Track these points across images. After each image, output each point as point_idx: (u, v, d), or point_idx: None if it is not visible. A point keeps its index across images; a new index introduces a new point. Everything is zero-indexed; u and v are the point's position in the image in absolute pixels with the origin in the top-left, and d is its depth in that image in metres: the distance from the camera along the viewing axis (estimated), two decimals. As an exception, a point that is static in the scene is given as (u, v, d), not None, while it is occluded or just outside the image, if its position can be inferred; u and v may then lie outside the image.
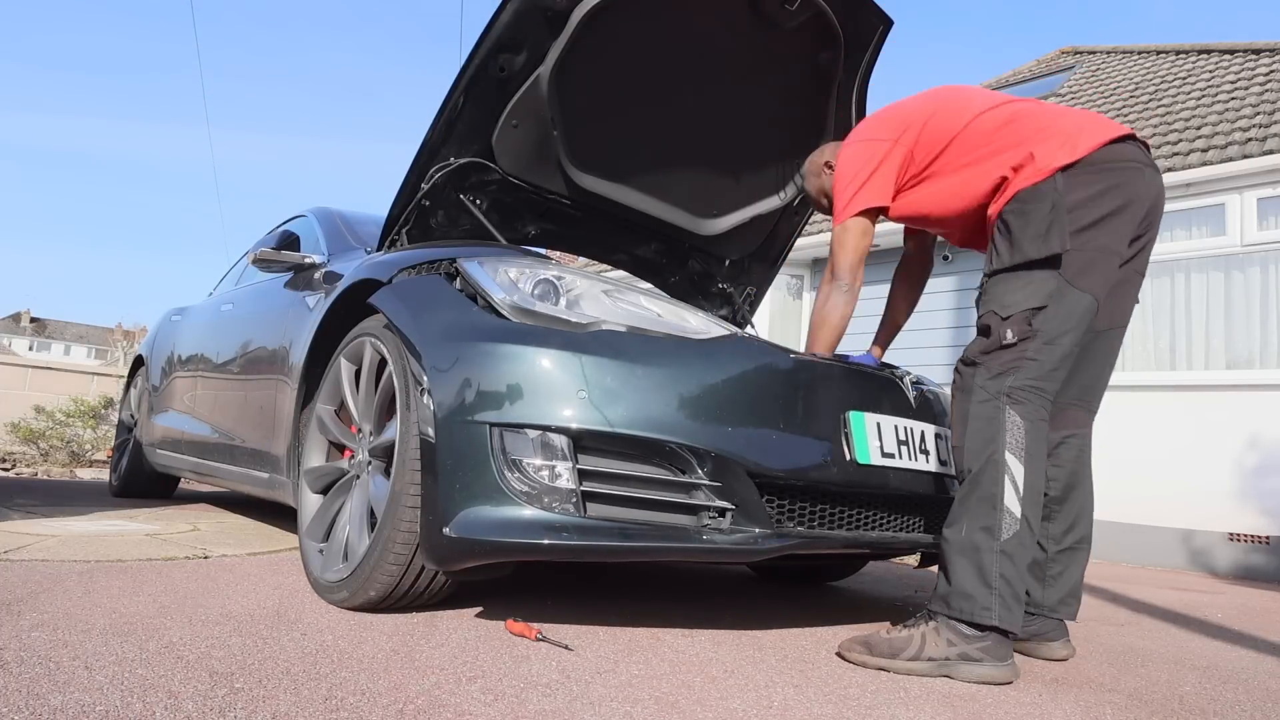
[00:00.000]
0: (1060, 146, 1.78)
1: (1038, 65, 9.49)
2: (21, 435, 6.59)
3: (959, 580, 1.65)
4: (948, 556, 1.69)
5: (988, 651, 1.61)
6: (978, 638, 1.62)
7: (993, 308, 1.76)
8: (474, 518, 1.57)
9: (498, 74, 2.20)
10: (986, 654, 1.61)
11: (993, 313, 1.76)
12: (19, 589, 1.76)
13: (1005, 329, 1.73)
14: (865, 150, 2.04)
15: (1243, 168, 5.06)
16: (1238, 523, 4.75)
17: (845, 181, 2.04)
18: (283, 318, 2.65)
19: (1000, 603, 1.61)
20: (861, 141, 2.07)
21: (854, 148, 2.08)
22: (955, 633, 1.63)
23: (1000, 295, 1.76)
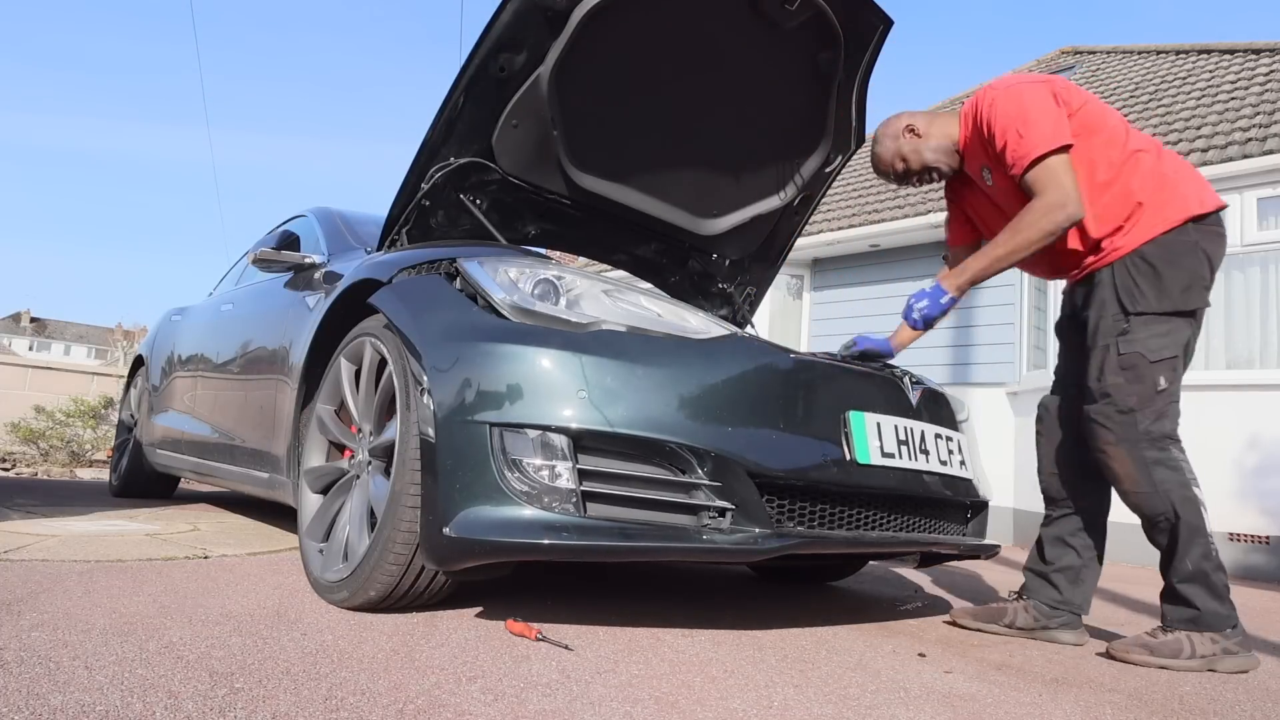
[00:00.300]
0: (1193, 197, 1.92)
1: (1038, 65, 9.49)
2: (21, 435, 6.59)
3: (1203, 604, 1.87)
4: (1181, 589, 1.89)
5: (1242, 644, 1.86)
6: (1234, 634, 1.87)
7: (1140, 350, 1.89)
8: (474, 518, 1.57)
9: (498, 74, 2.20)
10: (1241, 646, 1.86)
11: (1141, 355, 1.89)
12: (19, 589, 1.76)
13: (1158, 375, 1.90)
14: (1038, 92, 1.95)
15: (1243, 168, 5.06)
16: (1238, 523, 4.75)
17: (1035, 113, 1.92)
18: (283, 318, 2.65)
19: (1230, 606, 1.88)
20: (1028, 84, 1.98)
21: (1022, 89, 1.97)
22: (1218, 632, 1.86)
23: (1145, 340, 1.90)
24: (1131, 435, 1.91)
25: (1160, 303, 1.89)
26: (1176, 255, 1.89)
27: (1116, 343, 1.92)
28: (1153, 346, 1.89)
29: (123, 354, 44.17)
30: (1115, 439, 1.93)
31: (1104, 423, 1.95)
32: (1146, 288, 1.90)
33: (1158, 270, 1.89)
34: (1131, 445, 1.91)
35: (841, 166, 2.89)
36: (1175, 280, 1.88)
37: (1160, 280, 1.89)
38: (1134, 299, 1.91)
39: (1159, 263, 1.89)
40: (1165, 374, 1.89)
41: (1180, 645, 1.86)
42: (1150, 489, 1.91)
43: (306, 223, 3.20)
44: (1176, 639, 1.87)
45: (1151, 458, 1.90)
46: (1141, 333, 1.90)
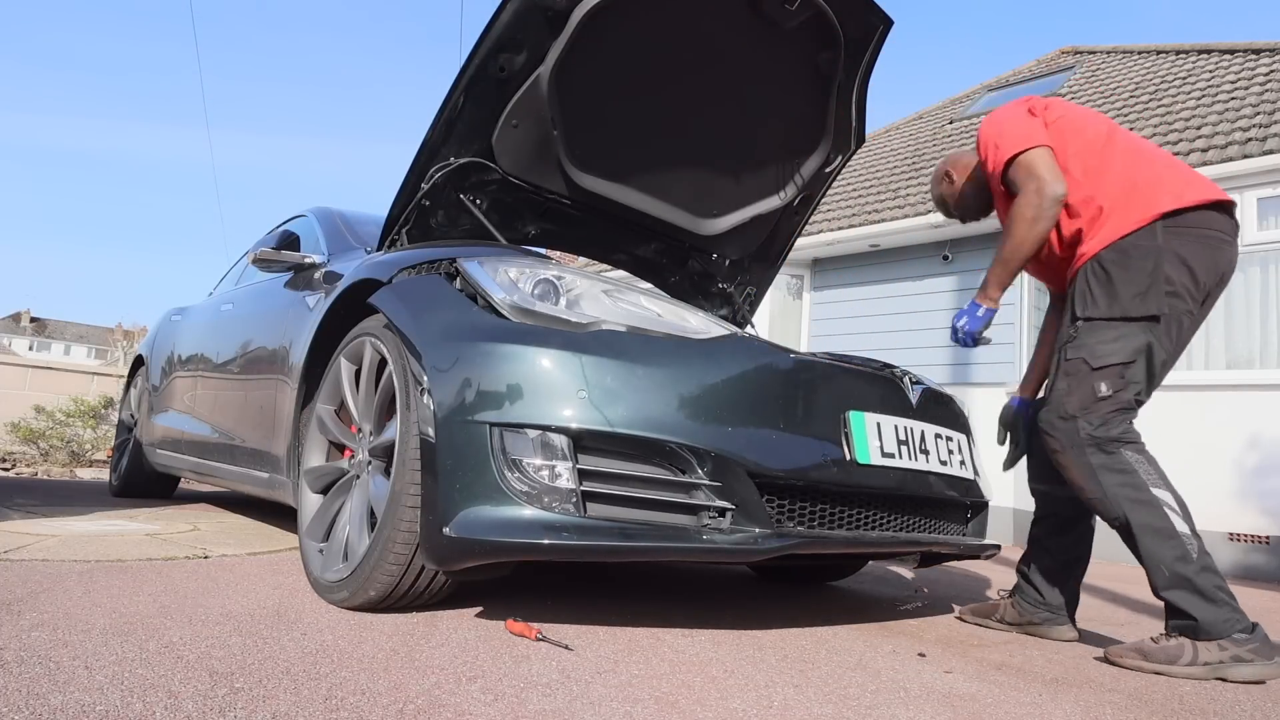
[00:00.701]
0: (1166, 195, 1.89)
1: (1038, 65, 9.49)
2: (21, 435, 6.59)
3: (1194, 610, 1.79)
4: (1169, 598, 1.83)
5: (1257, 652, 1.75)
6: (1245, 640, 1.76)
7: (1084, 355, 1.89)
8: (474, 518, 1.57)
9: (498, 74, 2.20)
10: (1256, 654, 1.75)
11: (1084, 361, 1.89)
12: (19, 589, 1.76)
13: (1099, 382, 1.88)
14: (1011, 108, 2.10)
15: (1243, 168, 5.06)
16: (1238, 523, 4.75)
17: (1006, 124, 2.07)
18: (283, 318, 2.65)
19: (1229, 608, 1.78)
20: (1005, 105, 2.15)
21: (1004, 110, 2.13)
22: (1227, 638, 1.77)
23: (1093, 346, 1.89)
24: (1075, 441, 1.90)
25: (1110, 308, 1.89)
26: (1132, 259, 1.88)
27: (1064, 349, 1.95)
28: (1098, 353, 1.89)
29: (123, 354, 44.17)
30: (1061, 446, 1.94)
31: (1049, 430, 1.97)
32: (1099, 293, 1.91)
33: (1111, 275, 1.90)
34: (1079, 451, 1.90)
35: (841, 166, 2.89)
36: (1128, 285, 1.87)
37: (1112, 286, 1.89)
38: (1085, 305, 1.93)
39: (1113, 267, 1.90)
40: (1109, 380, 1.88)
41: (1180, 651, 1.79)
42: (1100, 494, 1.88)
43: (306, 223, 3.20)
44: (1178, 644, 1.80)
45: (1097, 463, 1.88)
46: (1088, 339, 1.91)
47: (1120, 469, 1.86)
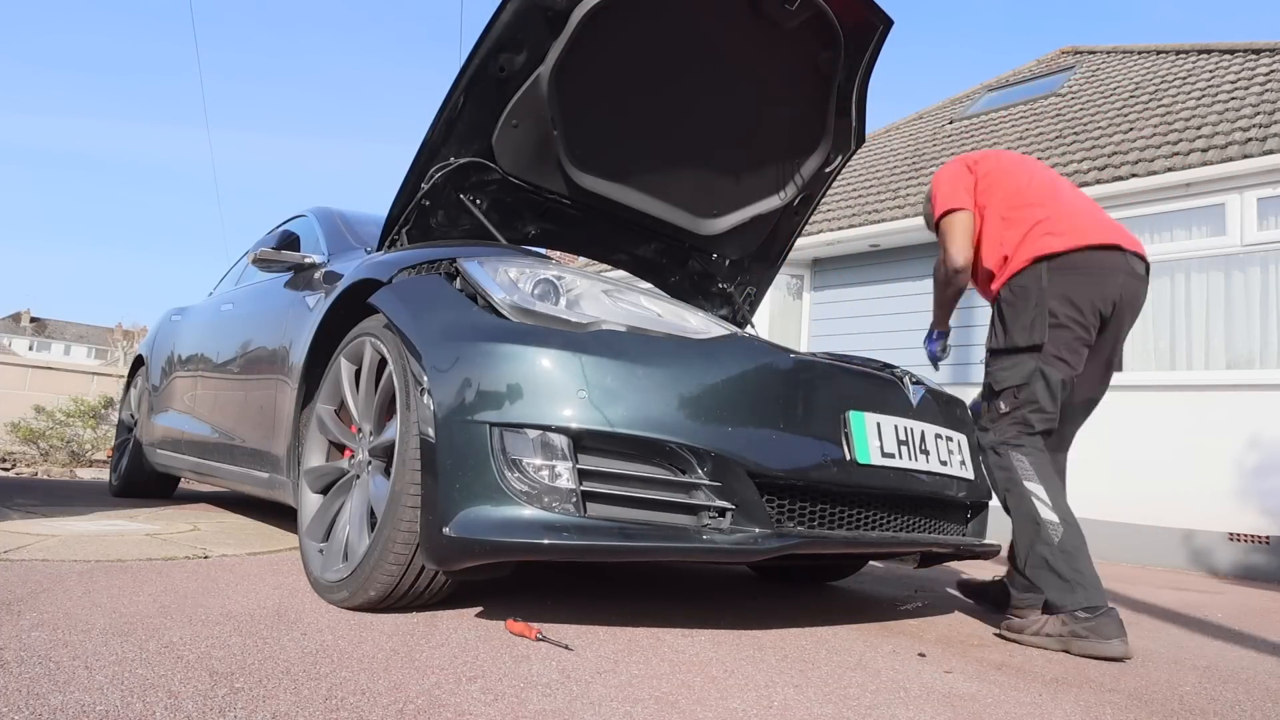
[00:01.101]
0: (1056, 237, 2.20)
1: (1038, 65, 9.49)
2: (21, 435, 6.59)
3: (1049, 589, 2.06)
4: (1026, 574, 2.13)
5: (1093, 629, 1.96)
6: (1086, 618, 1.98)
7: (989, 381, 2.29)
8: (474, 518, 1.57)
9: (498, 74, 2.20)
10: (1092, 631, 1.96)
11: (989, 386, 2.28)
12: (19, 589, 1.76)
13: (999, 401, 2.24)
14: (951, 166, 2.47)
15: (1243, 168, 5.06)
16: (1238, 523, 4.75)
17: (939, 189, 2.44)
18: (283, 318, 2.65)
19: (1082, 590, 2.00)
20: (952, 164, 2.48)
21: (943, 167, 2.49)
22: (1068, 615, 2.00)
23: (995, 372, 2.27)
24: (985, 445, 2.29)
25: (1005, 341, 2.24)
26: (1017, 300, 2.22)
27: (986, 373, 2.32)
28: (999, 379, 2.25)
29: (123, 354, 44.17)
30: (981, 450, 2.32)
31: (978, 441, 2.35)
32: (997, 328, 2.28)
33: (1003, 313, 2.26)
34: (983, 453, 2.30)
35: (841, 166, 2.89)
36: (1017, 322, 2.20)
37: (1005, 323, 2.24)
38: (990, 338, 2.31)
39: (1006, 306, 2.25)
40: (1005, 400, 2.22)
41: (1031, 622, 2.07)
42: (993, 485, 2.27)
43: (306, 223, 3.20)
44: (1035, 617, 2.08)
45: (991, 463, 2.25)
46: (991, 367, 2.29)
47: (1003, 466, 2.20)
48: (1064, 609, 2.00)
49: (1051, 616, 2.04)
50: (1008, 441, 2.20)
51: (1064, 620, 2.00)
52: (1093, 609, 1.97)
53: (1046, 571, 2.06)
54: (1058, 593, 2.03)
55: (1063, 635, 1.99)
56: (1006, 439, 2.21)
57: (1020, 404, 2.20)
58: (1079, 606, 1.98)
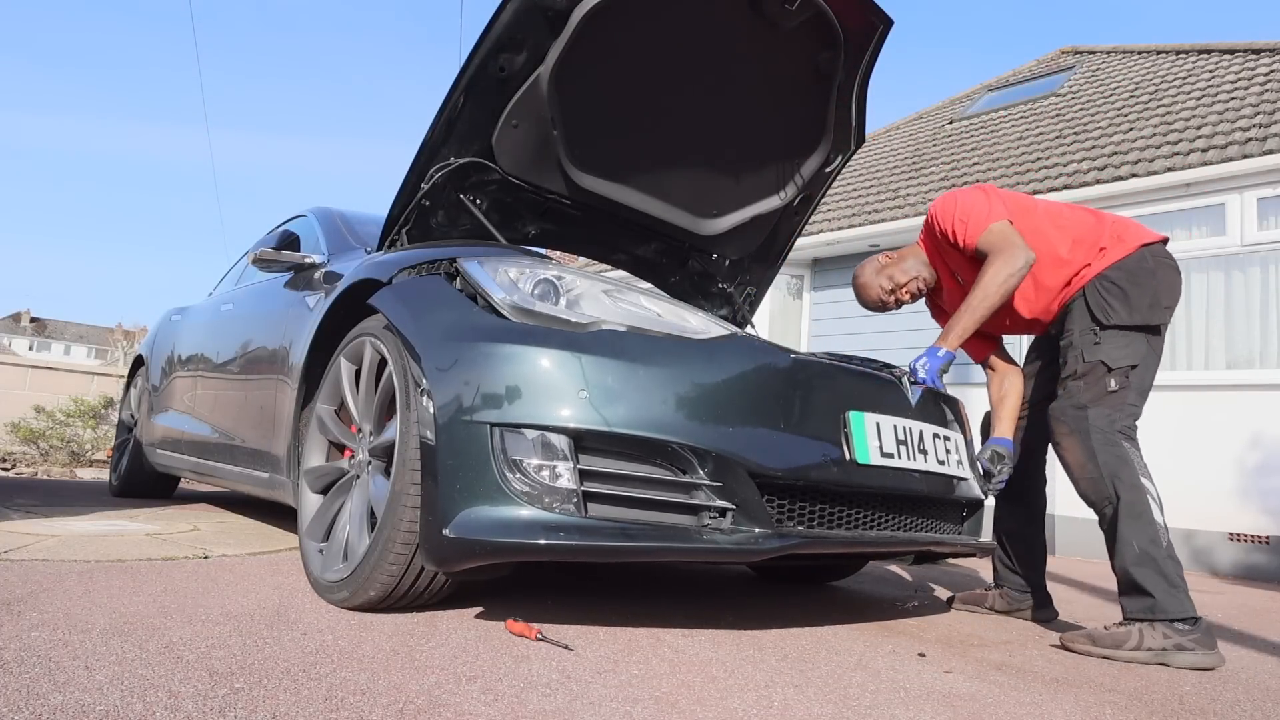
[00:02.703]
0: (1140, 230, 2.24)
1: (1038, 65, 9.49)
2: (21, 435, 6.59)
3: (1154, 589, 1.96)
4: (1134, 572, 2.00)
5: (1199, 642, 1.91)
6: (1189, 630, 1.92)
7: (1102, 359, 2.13)
8: (474, 518, 1.57)
9: (498, 74, 2.20)
10: (1198, 644, 1.91)
11: (1102, 363, 2.13)
12: (19, 589, 1.76)
13: (1111, 379, 2.12)
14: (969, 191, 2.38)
15: (1243, 168, 5.06)
16: (1238, 522, 4.75)
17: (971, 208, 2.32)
18: (283, 318, 2.65)
19: (1188, 599, 1.95)
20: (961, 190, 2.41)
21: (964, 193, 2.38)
22: (1170, 627, 1.93)
23: (1109, 350, 2.13)
24: (1083, 427, 2.12)
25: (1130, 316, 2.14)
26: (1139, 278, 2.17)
27: (1081, 353, 2.17)
28: (1114, 356, 2.13)
29: (123, 354, 44.16)
30: (1069, 430, 2.15)
31: (1060, 417, 2.19)
32: (1117, 305, 2.16)
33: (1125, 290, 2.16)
34: (1084, 436, 2.12)
35: (841, 166, 2.89)
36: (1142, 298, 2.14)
37: (1127, 298, 2.15)
38: (1107, 314, 2.17)
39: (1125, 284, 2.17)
40: (1119, 379, 2.12)
41: (1126, 636, 1.94)
42: (1096, 475, 2.09)
43: (306, 223, 3.20)
44: (1125, 631, 1.96)
45: (1099, 447, 2.09)
46: (1107, 344, 2.15)
47: (1118, 456, 2.07)
48: (1169, 616, 1.93)
49: (1146, 628, 1.94)
50: (1123, 430, 2.10)
51: (1165, 634, 1.92)
52: (1194, 620, 1.93)
53: (1155, 574, 1.97)
54: (1166, 598, 1.94)
55: (1165, 649, 1.91)
56: (1121, 427, 2.10)
57: (1129, 386, 2.11)
58: (1185, 615, 1.92)
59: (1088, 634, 2.00)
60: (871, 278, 2.56)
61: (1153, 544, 1.99)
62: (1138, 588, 1.99)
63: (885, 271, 2.55)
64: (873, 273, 2.57)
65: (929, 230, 2.47)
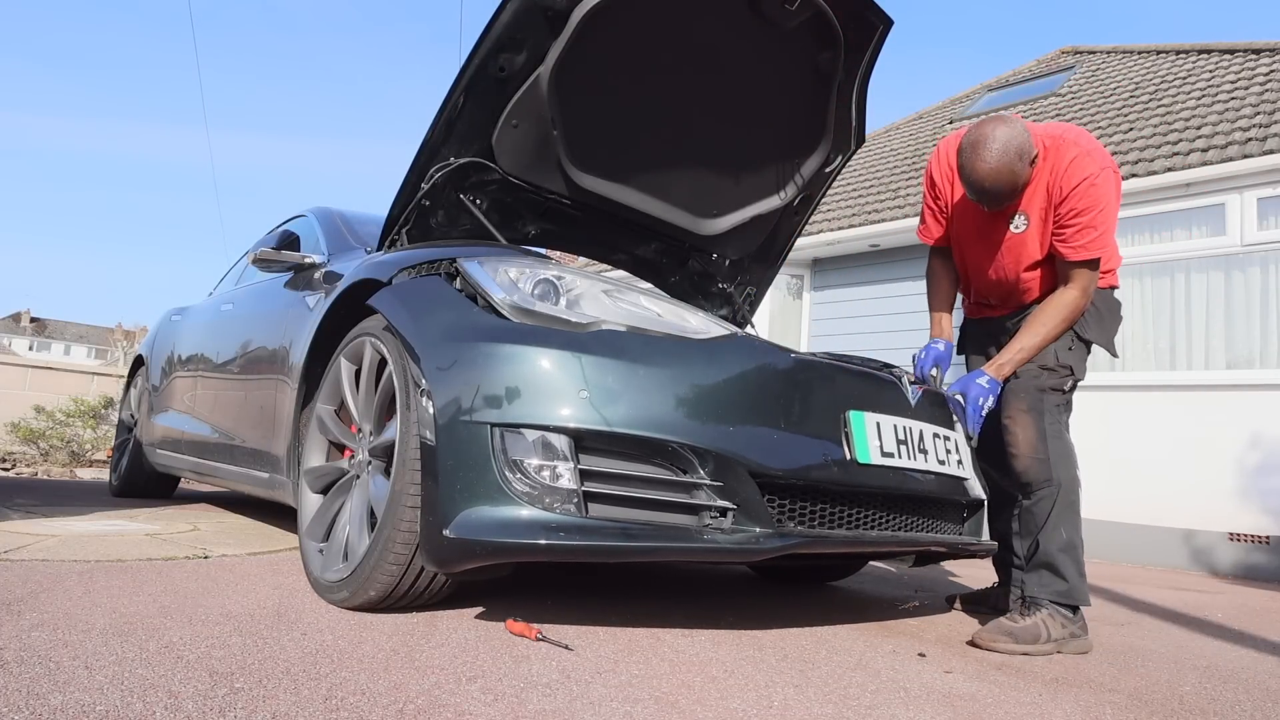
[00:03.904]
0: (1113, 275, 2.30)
1: (1038, 65, 9.48)
2: (21, 435, 6.59)
3: (1070, 575, 2.08)
4: (1054, 557, 2.10)
5: (1082, 628, 2.08)
6: (1076, 619, 2.07)
7: (1071, 365, 2.23)
8: (475, 519, 1.57)
9: (498, 74, 2.20)
10: (1082, 629, 2.08)
11: (1070, 368, 2.22)
12: (19, 589, 1.76)
13: (1068, 382, 2.23)
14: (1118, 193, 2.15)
15: (1243, 168, 5.06)
16: (1238, 522, 4.75)
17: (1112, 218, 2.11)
18: (283, 318, 2.65)
19: (1087, 586, 2.11)
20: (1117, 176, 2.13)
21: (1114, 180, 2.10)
22: (1063, 616, 2.05)
23: (1077, 359, 2.25)
24: (1042, 408, 2.19)
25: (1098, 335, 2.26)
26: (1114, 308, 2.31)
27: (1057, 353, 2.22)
28: (1076, 363, 2.23)
29: (123, 354, 44.16)
30: (1028, 408, 2.20)
31: (1022, 393, 2.22)
32: (1092, 320, 2.24)
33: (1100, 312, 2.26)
34: (1039, 416, 2.18)
35: (841, 166, 2.89)
36: (1110, 326, 2.29)
37: (1102, 320, 2.27)
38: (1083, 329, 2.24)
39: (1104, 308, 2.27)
40: (1072, 381, 2.24)
41: (1038, 630, 2.01)
42: (1044, 457, 2.16)
43: (306, 223, 3.20)
44: (1035, 624, 2.02)
45: (1054, 434, 2.17)
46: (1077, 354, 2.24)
47: (1065, 447, 2.19)
48: (1074, 602, 2.06)
49: (1048, 619, 2.03)
50: (1067, 425, 2.23)
51: (1063, 624, 2.03)
52: (1077, 608, 2.09)
53: (1073, 564, 2.09)
54: (1075, 587, 2.07)
55: (1064, 638, 2.03)
56: (1063, 421, 2.22)
57: (1069, 392, 2.25)
58: (1083, 603, 2.07)
59: (1006, 630, 2.00)
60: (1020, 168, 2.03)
61: (1077, 534, 2.12)
62: (1056, 572, 2.10)
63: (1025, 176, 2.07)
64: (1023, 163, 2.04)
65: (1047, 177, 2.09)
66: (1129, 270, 5.50)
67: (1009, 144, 2.01)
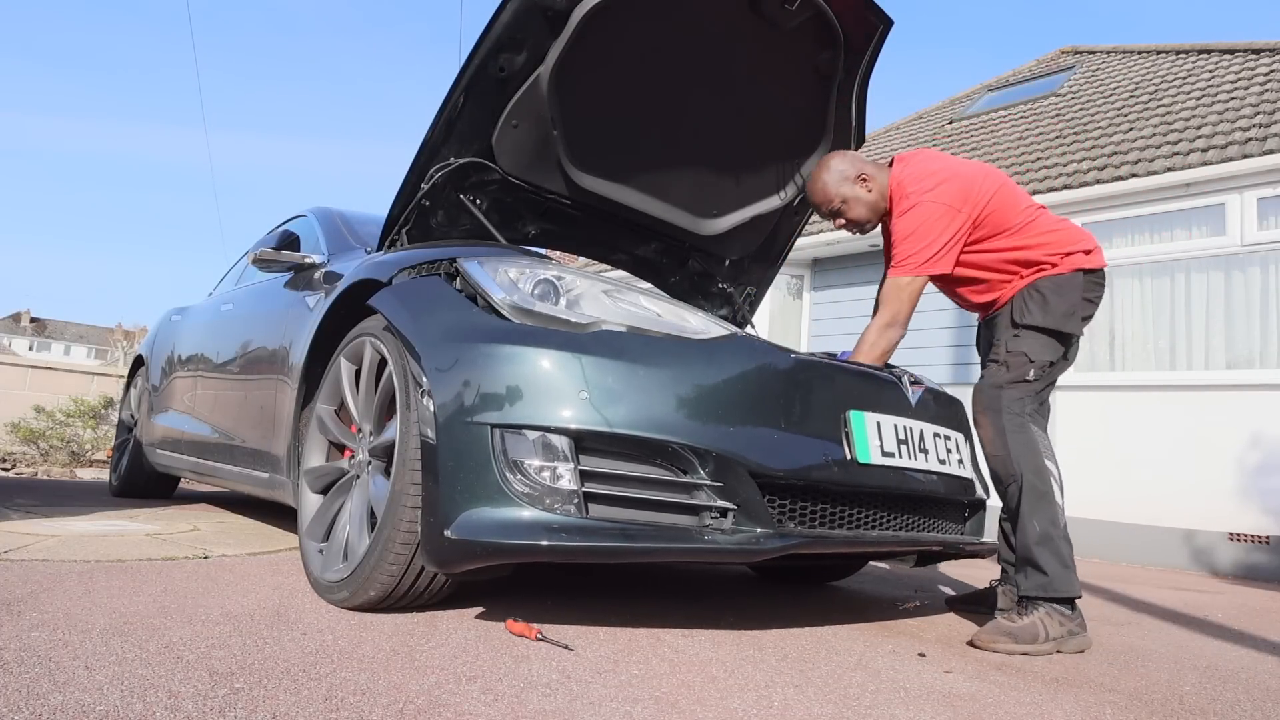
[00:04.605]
0: (1085, 256, 2.28)
1: (1038, 65, 9.48)
2: (21, 435, 6.59)
3: (1051, 567, 2.04)
4: (1031, 551, 2.07)
5: (1080, 625, 2.04)
6: (1073, 616, 2.04)
7: (1025, 352, 2.22)
8: (475, 520, 1.57)
9: (498, 74, 2.20)
10: (1080, 627, 2.04)
11: (1024, 354, 2.22)
12: (19, 589, 1.76)
13: (1030, 369, 2.21)
14: (947, 215, 2.21)
15: (1243, 168, 5.06)
16: (1238, 522, 4.75)
17: (926, 240, 2.21)
18: (283, 318, 2.65)
19: (1076, 577, 2.06)
20: (942, 205, 2.22)
21: (935, 208, 2.21)
22: (1060, 614, 2.02)
23: (1033, 346, 2.23)
24: (996, 405, 2.20)
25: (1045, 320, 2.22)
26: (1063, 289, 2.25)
27: (1006, 343, 2.26)
28: (1037, 350, 2.22)
29: (123, 354, 44.16)
30: (984, 408, 2.23)
31: (978, 394, 2.26)
32: (1035, 308, 2.23)
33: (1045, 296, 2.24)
34: (996, 414, 2.19)
35: (842, 166, 2.88)
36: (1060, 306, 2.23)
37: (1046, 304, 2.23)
38: (1023, 314, 2.24)
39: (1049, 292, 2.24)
40: (1037, 370, 2.22)
41: (1036, 630, 1.99)
42: (1004, 453, 2.16)
43: (306, 223, 3.20)
44: (1033, 623, 2.00)
45: (1011, 429, 2.16)
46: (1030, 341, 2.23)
47: (1025, 439, 2.15)
48: (1058, 595, 2.02)
49: (1045, 618, 2.00)
50: (1028, 414, 2.19)
51: (1060, 622, 2.00)
52: (1072, 602, 2.05)
53: (1052, 555, 2.05)
54: (1058, 578, 2.03)
55: (1062, 637, 2.00)
56: (1027, 411, 2.19)
57: (1041, 380, 2.22)
58: (1072, 595, 2.02)
59: (1005, 631, 1.99)
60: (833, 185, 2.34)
61: (1052, 525, 2.08)
62: (1035, 566, 2.06)
63: (848, 192, 2.33)
64: (838, 180, 2.34)
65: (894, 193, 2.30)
66: (1129, 270, 5.50)
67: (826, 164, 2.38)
